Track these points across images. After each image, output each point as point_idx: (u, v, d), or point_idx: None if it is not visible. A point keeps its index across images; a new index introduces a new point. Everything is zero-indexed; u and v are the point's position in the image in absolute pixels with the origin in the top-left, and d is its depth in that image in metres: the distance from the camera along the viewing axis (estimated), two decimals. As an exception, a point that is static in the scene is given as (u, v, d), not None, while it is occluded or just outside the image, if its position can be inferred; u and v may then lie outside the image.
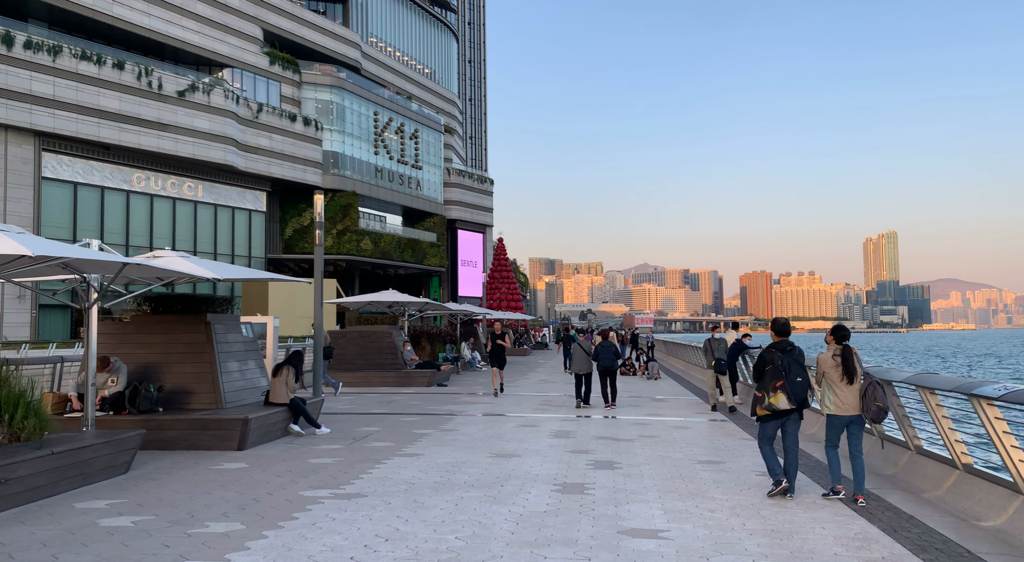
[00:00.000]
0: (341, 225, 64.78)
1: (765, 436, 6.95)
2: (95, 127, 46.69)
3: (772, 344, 7.02)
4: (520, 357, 39.93)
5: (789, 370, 6.66)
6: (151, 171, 51.49)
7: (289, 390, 10.17)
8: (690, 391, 18.48)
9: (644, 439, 10.18)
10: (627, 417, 12.72)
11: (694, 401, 15.83)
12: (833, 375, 6.80)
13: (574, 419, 12.38)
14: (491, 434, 10.55)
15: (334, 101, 64.93)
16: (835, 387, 6.79)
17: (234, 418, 8.94)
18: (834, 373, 6.80)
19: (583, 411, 13.81)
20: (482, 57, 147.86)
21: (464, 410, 13.63)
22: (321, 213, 14.86)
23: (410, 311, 21.61)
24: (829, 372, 6.83)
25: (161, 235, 52.34)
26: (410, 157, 74.30)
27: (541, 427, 11.32)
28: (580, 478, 7.57)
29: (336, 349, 18.77)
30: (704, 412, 13.75)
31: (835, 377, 6.79)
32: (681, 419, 12.51)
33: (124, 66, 48.59)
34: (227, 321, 10.47)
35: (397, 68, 79.36)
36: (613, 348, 14.91)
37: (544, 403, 15.25)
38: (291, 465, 8.18)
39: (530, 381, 21.88)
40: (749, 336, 15.61)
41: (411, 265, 72.68)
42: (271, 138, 58.55)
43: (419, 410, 13.63)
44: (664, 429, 11.20)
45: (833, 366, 6.82)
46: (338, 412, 13.32)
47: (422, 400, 15.70)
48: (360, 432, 10.70)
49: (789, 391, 6.60)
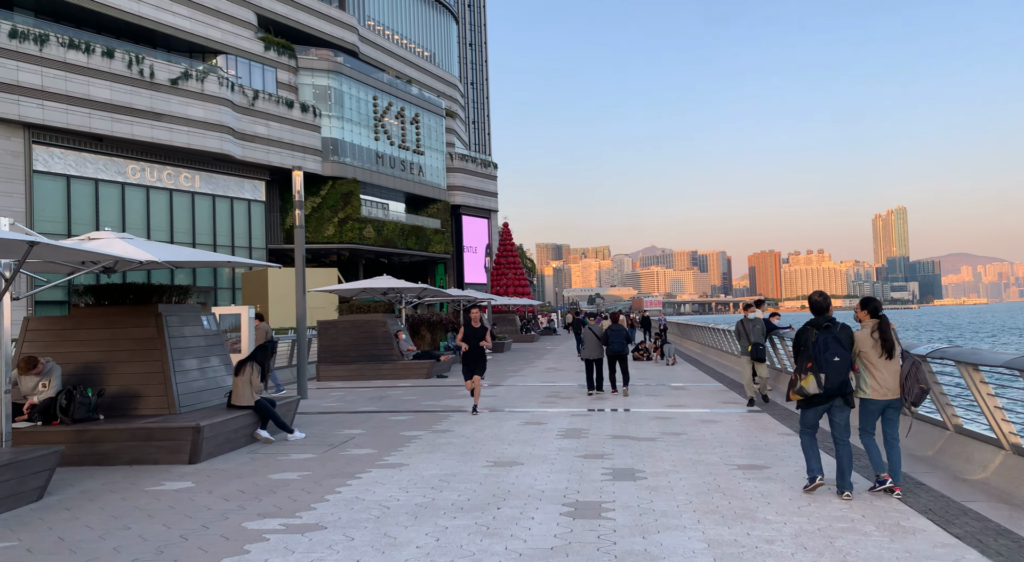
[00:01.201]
0: (343, 213, 63.38)
1: (805, 424, 6.28)
2: (86, 118, 45.37)
3: (808, 321, 6.28)
4: (527, 343, 38.52)
5: (825, 349, 5.97)
6: (146, 162, 50.19)
7: (254, 390, 8.77)
8: (711, 377, 17.01)
9: (668, 437, 8.74)
10: (645, 410, 11.27)
11: (718, 389, 14.34)
12: (871, 354, 6.12)
13: (585, 414, 10.94)
14: (490, 435, 9.14)
15: (332, 86, 63.35)
16: (872, 367, 6.11)
17: (183, 426, 7.53)
18: (872, 352, 6.11)
19: (596, 402, 12.38)
20: (483, 40, 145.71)
21: (463, 406, 12.20)
22: (300, 191, 13.43)
23: (407, 298, 20.18)
24: (867, 351, 6.14)
25: (158, 227, 51.11)
26: (411, 142, 72.71)
27: (548, 424, 9.89)
28: (596, 494, 6.14)
29: (326, 340, 17.37)
30: (732, 401, 12.27)
31: (873, 356, 6.11)
32: (707, 411, 11.05)
33: (114, 54, 47.17)
34: (183, 312, 9.06)
35: (396, 51, 77.62)
36: (624, 332, 14.02)
37: (552, 395, 13.80)
38: (246, 483, 6.77)
39: (537, 369, 20.44)
40: (777, 315, 14.13)
41: (415, 252, 71.31)
42: (268, 126, 57.10)
43: (412, 406, 12.22)
44: (689, 424, 9.76)
45: (871, 344, 6.13)
46: (322, 411, 11.93)
47: (418, 394, 14.29)
48: (340, 436, 9.30)
49: (820, 373, 5.94)
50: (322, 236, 62.37)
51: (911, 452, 7.47)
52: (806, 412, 6.21)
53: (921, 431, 7.74)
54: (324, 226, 62.67)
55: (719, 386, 14.83)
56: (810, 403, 6.08)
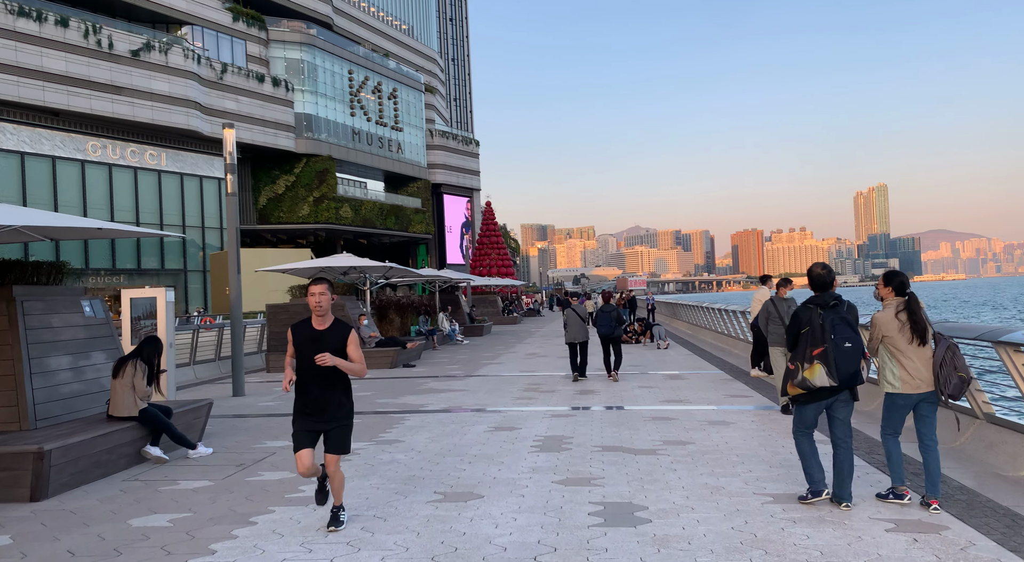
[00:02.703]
0: (318, 192, 60.97)
1: (803, 423, 5.35)
2: (39, 91, 42.66)
3: (809, 299, 5.34)
4: (510, 326, 36.64)
5: (832, 332, 5.05)
6: (107, 138, 47.53)
7: (139, 396, 6.81)
8: (709, 363, 15.18)
9: (672, 449, 6.87)
10: (640, 407, 9.39)
11: (719, 377, 12.50)
12: (899, 340, 5.15)
13: (568, 414, 9.03)
14: (448, 447, 7.23)
15: (304, 59, 60.63)
16: (900, 355, 5.15)
17: (19, 451, 5.55)
18: (900, 337, 5.15)
19: (581, 398, 10.49)
20: (464, 14, 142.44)
21: (425, 404, 10.25)
22: (233, 152, 11.37)
23: (372, 278, 18.14)
24: (893, 336, 5.17)
25: (123, 207, 48.59)
26: (389, 118, 70.19)
27: (523, 430, 7.98)
28: (581, 553, 4.26)
29: (276, 327, 15.35)
30: (740, 394, 10.40)
31: (901, 342, 5.15)
32: (713, 409, 9.17)
33: (68, 23, 44.38)
34: (52, 296, 7.05)
35: (372, 23, 74.79)
36: (614, 313, 12.75)
37: (531, 387, 11.89)
38: (90, 536, 4.80)
39: (517, 355, 18.54)
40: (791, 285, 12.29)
41: (395, 233, 69.11)
42: (238, 100, 54.49)
43: (363, 406, 10.28)
44: (696, 428, 7.90)
45: (898, 327, 5.16)
46: (253, 412, 9.95)
47: (375, 389, 12.34)
48: (258, 451, 7.33)
49: (831, 361, 5.00)
50: (296, 216, 60.02)
51: None
52: (805, 408, 5.27)
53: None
54: (298, 205, 60.29)
55: (720, 374, 12.98)
56: (812, 398, 5.15)
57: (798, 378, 5.10)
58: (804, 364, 5.07)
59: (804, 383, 5.05)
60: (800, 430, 5.33)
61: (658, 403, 9.72)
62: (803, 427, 5.31)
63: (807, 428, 5.30)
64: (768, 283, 12.94)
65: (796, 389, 5.15)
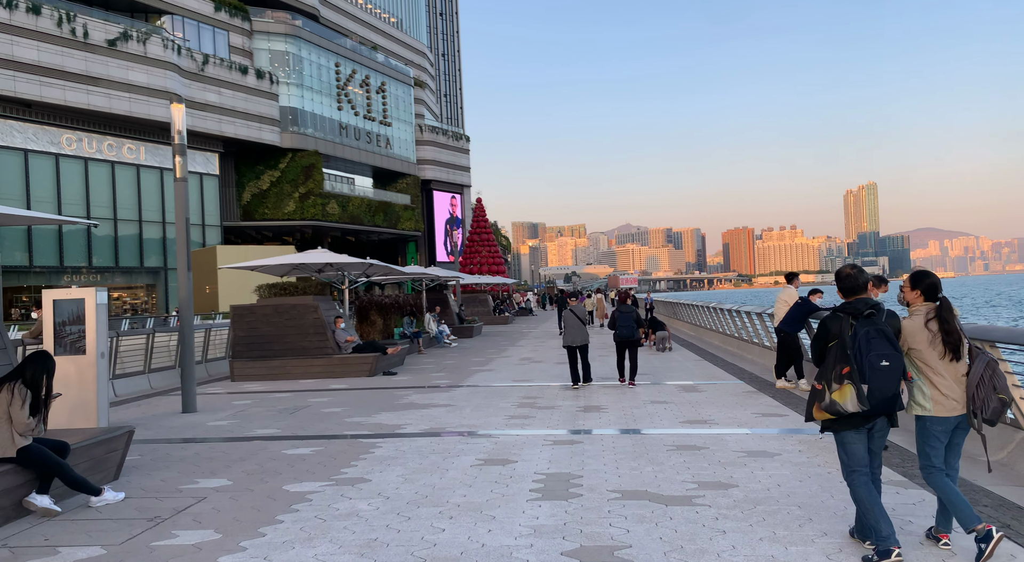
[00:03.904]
0: (304, 187, 59.22)
1: (854, 460, 4.32)
2: (9, 81, 40.81)
3: (840, 306, 4.40)
4: (501, 326, 35.12)
5: (867, 347, 4.13)
6: (83, 131, 45.69)
7: (18, 430, 5.25)
8: (723, 370, 13.71)
9: (711, 495, 5.38)
10: (658, 430, 7.89)
11: (741, 389, 11.00)
12: (928, 354, 4.35)
13: (572, 440, 7.49)
14: (425, 490, 5.68)
15: (290, 51, 58.84)
16: (930, 372, 4.37)
17: None
18: (930, 350, 4.33)
19: (586, 417, 8.98)
20: (454, 9, 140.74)
21: (402, 425, 8.71)
22: (182, 132, 9.80)
23: (352, 276, 16.56)
24: (922, 350, 4.37)
25: (99, 203, 46.77)
26: (377, 113, 68.49)
27: (519, 465, 6.45)
28: None
29: (242, 330, 13.76)
30: (772, 411, 8.87)
31: (931, 356, 4.35)
32: (747, 432, 7.66)
33: (41, 11, 42.53)
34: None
35: (360, 16, 73.05)
36: (633, 314, 11.77)
37: (527, 401, 10.37)
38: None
39: (510, 361, 17.02)
40: (819, 293, 10.84)
41: (384, 230, 67.47)
42: (220, 93, 52.69)
43: (329, 426, 8.73)
44: (733, 460, 6.39)
45: (927, 339, 4.35)
46: (197, 437, 8.38)
47: (348, 403, 10.78)
48: (184, 495, 5.76)
49: (864, 381, 4.10)
50: (282, 212, 58.28)
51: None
52: (849, 439, 4.29)
53: None
54: (284, 201, 58.54)
55: (740, 385, 11.48)
56: (844, 425, 4.26)
57: (825, 401, 4.23)
58: (832, 384, 4.21)
59: (832, 407, 4.18)
60: (852, 468, 4.31)
61: (679, 425, 8.21)
62: (855, 465, 4.30)
63: (860, 465, 4.29)
64: (794, 282, 11.50)
65: (823, 413, 4.28)
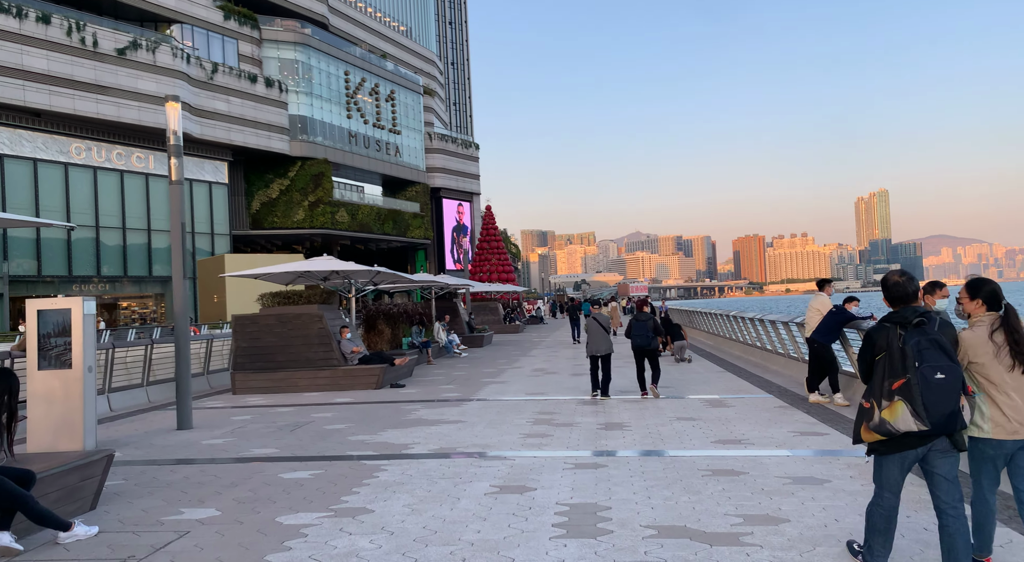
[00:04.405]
0: (313, 196, 58.89)
1: (886, 484, 3.86)
2: (19, 90, 40.70)
3: (886, 316, 3.89)
4: (512, 335, 34.48)
5: (918, 359, 3.61)
6: (92, 140, 45.53)
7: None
8: (748, 381, 13.02)
9: (760, 532, 4.70)
10: (689, 452, 7.17)
11: (771, 403, 10.30)
12: (992, 369, 3.81)
13: (596, 463, 6.79)
14: (435, 524, 5.04)
15: (299, 60, 58.66)
16: (993, 390, 3.84)
17: None
18: (995, 364, 3.81)
19: (608, 436, 8.32)
20: (463, 18, 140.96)
21: (410, 444, 8.07)
22: (178, 131, 9.27)
23: (359, 284, 16.00)
24: (985, 364, 3.84)
25: (108, 212, 46.58)
26: (387, 121, 68.20)
27: (538, 492, 5.81)
28: None
29: (244, 340, 13.20)
30: (809, 429, 8.17)
31: (996, 371, 3.81)
32: (786, 454, 6.99)
33: (50, 20, 42.47)
34: None
35: (369, 24, 72.93)
36: (650, 322, 11.41)
37: (543, 417, 9.73)
38: None
39: (522, 371, 16.38)
40: (856, 301, 10.16)
41: (394, 238, 67.05)
42: (229, 101, 52.49)
43: (332, 446, 8.11)
44: (778, 488, 5.71)
45: (992, 352, 3.83)
46: (189, 457, 7.74)
47: (353, 418, 10.18)
48: (165, 528, 5.12)
49: (916, 397, 3.58)
50: (291, 221, 57.95)
51: None
52: (887, 461, 3.88)
53: None
54: (293, 210, 58.22)
55: (770, 398, 10.79)
56: (895, 446, 3.80)
57: (874, 420, 3.76)
58: (882, 401, 3.75)
59: (883, 427, 3.70)
60: (881, 492, 3.89)
61: (711, 445, 7.53)
62: (885, 489, 3.88)
63: (891, 491, 3.87)
64: (826, 288, 10.82)
65: (873, 435, 3.79)
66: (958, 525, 3.78)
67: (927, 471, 3.86)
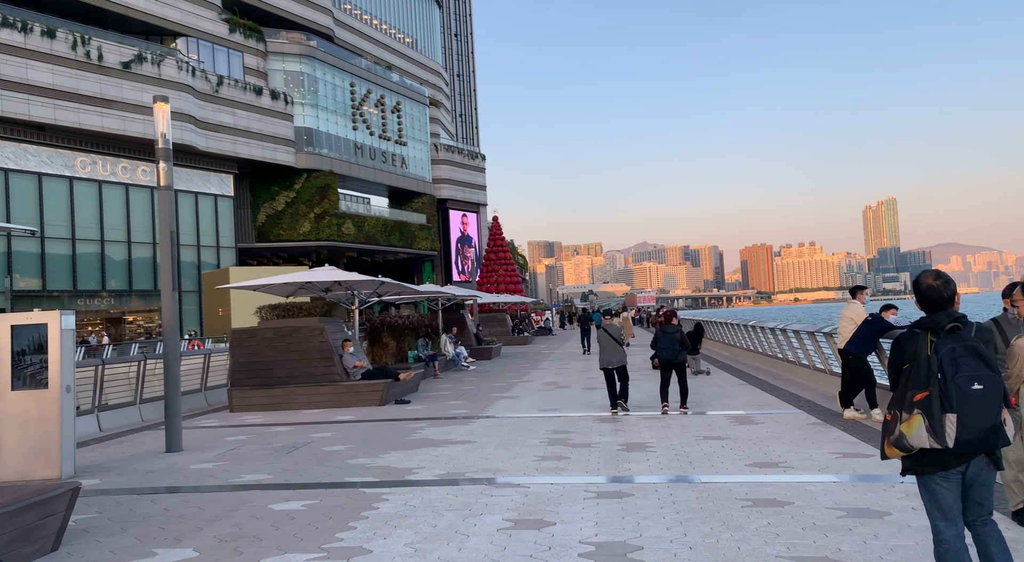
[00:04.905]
0: (319, 208, 58.49)
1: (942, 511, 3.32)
2: (24, 105, 40.46)
3: (916, 322, 3.46)
4: (520, 346, 33.80)
5: (953, 369, 3.21)
6: (97, 154, 45.26)
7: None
8: (771, 395, 12.30)
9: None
10: (723, 478, 6.44)
11: (802, 419, 9.58)
12: None
13: (619, 491, 6.08)
14: (440, 563, 4.38)
15: (305, 72, 58.43)
16: None
17: None
18: None
19: (630, 458, 7.64)
20: (469, 30, 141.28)
21: (414, 468, 7.42)
22: (167, 134, 8.70)
23: (362, 295, 15.37)
24: None
25: (113, 226, 46.23)
26: (393, 132, 67.87)
27: (558, 527, 5.08)
28: None
29: (241, 355, 12.57)
30: (851, 450, 7.42)
31: None
32: (833, 479, 6.26)
33: (55, 34, 42.31)
34: None
35: (374, 36, 72.78)
36: (677, 333, 10.82)
37: (557, 437, 9.05)
38: None
39: (534, 386, 15.71)
40: (894, 309, 9.46)
41: (400, 249, 66.56)
42: (235, 114, 52.22)
43: (330, 471, 7.44)
44: (833, 523, 4.94)
45: None
46: (175, 486, 7.15)
47: (355, 438, 9.52)
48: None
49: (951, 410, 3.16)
50: (297, 233, 57.54)
51: None
52: (930, 482, 3.34)
53: None
54: (299, 222, 57.81)
55: (800, 414, 10.07)
56: (928, 465, 3.32)
57: (895, 434, 3.41)
58: (902, 414, 3.39)
59: (900, 442, 3.35)
60: (935, 525, 3.38)
61: (746, 469, 6.82)
62: (942, 517, 3.35)
63: (945, 519, 3.34)
64: (859, 296, 10.12)
65: (894, 450, 3.44)
66: (1002, 550, 3.36)
67: (968, 492, 3.40)
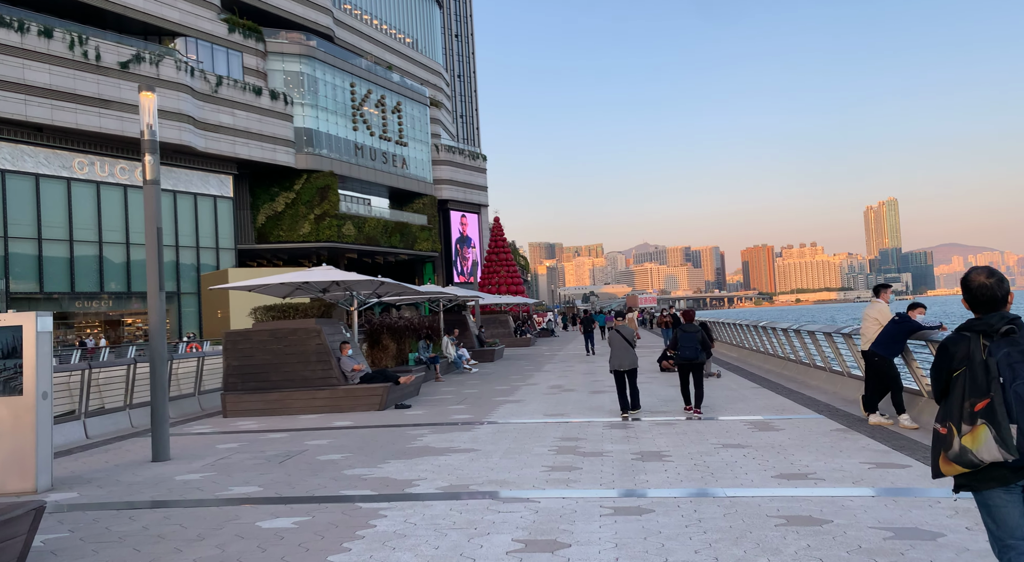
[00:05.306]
0: (319, 209, 58.03)
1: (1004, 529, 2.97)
2: (20, 105, 40.02)
3: (965, 324, 3.07)
4: (523, 348, 33.30)
5: (1010, 375, 2.90)
6: (95, 155, 44.82)
7: None
8: (788, 398, 11.80)
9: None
10: (748, 491, 5.90)
11: (826, 425, 9.05)
12: None
13: (637, 506, 5.57)
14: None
15: (304, 72, 57.99)
16: None
17: None
18: None
19: (645, 468, 7.15)
20: (469, 31, 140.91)
21: (414, 480, 6.93)
22: (153, 124, 8.22)
23: (361, 296, 14.89)
24: None
25: (112, 228, 45.77)
26: (393, 133, 67.41)
27: (573, 553, 4.48)
28: None
29: (235, 359, 12.08)
30: (884, 460, 6.88)
31: None
32: (870, 494, 5.73)
33: (52, 34, 41.86)
34: None
35: (375, 36, 72.34)
36: (699, 334, 10.60)
37: (566, 445, 8.56)
38: None
39: (538, 389, 15.21)
40: (922, 308, 8.96)
41: (401, 251, 66.07)
42: (234, 114, 51.78)
43: (327, 483, 6.96)
44: (879, 544, 4.41)
45: None
46: (159, 500, 6.64)
47: (353, 446, 9.03)
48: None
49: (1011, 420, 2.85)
50: (297, 234, 57.08)
51: None
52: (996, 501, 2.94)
53: None
54: (299, 223, 57.36)
55: (822, 419, 9.55)
56: (986, 481, 2.94)
57: (954, 448, 3.02)
58: (962, 426, 3.03)
59: (964, 456, 2.97)
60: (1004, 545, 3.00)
61: (773, 481, 6.30)
62: (1007, 537, 2.99)
63: (1014, 537, 2.97)
64: (883, 294, 9.61)
65: (953, 466, 3.04)
66: None
67: None
